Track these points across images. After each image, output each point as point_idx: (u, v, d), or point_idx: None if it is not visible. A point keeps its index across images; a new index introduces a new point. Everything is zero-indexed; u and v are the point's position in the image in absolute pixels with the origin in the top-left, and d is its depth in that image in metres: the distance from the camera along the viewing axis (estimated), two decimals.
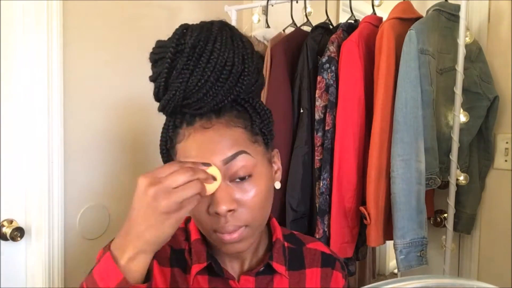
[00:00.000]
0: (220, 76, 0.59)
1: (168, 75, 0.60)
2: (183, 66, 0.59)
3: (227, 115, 0.63)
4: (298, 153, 1.39)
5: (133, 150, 1.48)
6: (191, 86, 0.59)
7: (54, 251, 1.26)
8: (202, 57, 0.59)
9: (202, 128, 0.61)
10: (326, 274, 0.76)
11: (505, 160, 1.50)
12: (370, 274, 2.79)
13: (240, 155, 0.61)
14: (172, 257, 0.68)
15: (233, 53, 0.60)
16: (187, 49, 0.59)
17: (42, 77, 1.22)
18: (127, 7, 1.43)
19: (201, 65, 0.59)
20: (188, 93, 0.60)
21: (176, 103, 0.61)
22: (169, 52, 0.60)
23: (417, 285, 0.45)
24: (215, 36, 0.60)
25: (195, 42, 0.59)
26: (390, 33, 1.27)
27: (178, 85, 0.59)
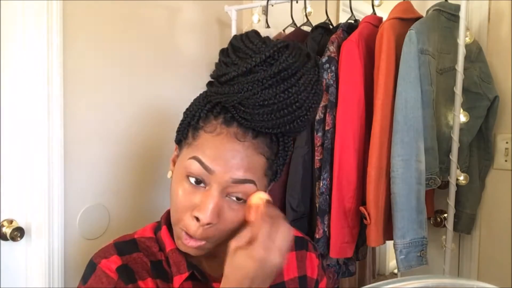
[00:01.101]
0: (284, 109, 0.59)
1: (243, 73, 0.59)
2: (262, 78, 0.58)
3: (262, 140, 0.63)
4: (298, 153, 1.39)
5: (133, 149, 1.48)
6: (255, 99, 0.59)
7: (54, 251, 1.26)
8: (283, 84, 0.59)
9: (235, 137, 0.61)
10: (302, 256, 0.78)
11: (505, 160, 1.50)
12: (370, 274, 2.79)
13: (248, 183, 0.61)
14: (153, 269, 0.67)
15: (307, 97, 0.60)
16: (275, 68, 0.58)
17: (42, 77, 1.22)
18: (127, 7, 1.43)
19: (277, 90, 0.58)
20: (247, 102, 0.59)
21: (230, 100, 0.60)
22: (260, 58, 0.58)
23: (417, 285, 0.45)
24: (305, 72, 0.60)
25: (288, 65, 0.59)
26: (390, 33, 1.27)
27: (245, 89, 0.59)
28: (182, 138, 0.67)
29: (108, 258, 0.65)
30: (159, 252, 0.70)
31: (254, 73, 0.59)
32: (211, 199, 0.59)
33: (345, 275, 1.47)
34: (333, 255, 1.33)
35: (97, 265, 0.65)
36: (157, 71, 1.54)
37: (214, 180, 0.60)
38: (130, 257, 0.67)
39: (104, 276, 0.64)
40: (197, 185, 0.61)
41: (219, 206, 0.60)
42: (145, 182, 1.52)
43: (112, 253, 0.66)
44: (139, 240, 0.71)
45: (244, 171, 0.60)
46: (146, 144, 1.51)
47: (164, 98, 1.57)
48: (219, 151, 0.60)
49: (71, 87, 1.29)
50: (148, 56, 1.51)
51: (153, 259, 0.69)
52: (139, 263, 0.66)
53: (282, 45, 0.60)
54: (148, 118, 1.51)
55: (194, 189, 0.61)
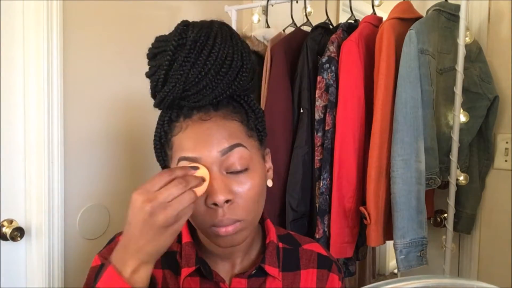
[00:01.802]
0: (220, 69, 0.61)
1: (168, 67, 0.61)
2: (184, 58, 0.60)
3: (224, 109, 0.64)
4: (298, 153, 1.39)
5: (133, 150, 1.48)
6: (191, 78, 0.60)
7: (54, 251, 1.26)
8: (204, 51, 0.60)
9: (200, 120, 0.63)
10: (322, 276, 0.75)
11: (505, 160, 1.50)
12: (370, 274, 2.79)
13: (237, 147, 0.62)
14: (163, 259, 0.68)
15: (232, 49, 0.62)
16: (188, 42, 0.60)
17: (42, 77, 1.22)
18: (127, 7, 1.43)
19: (202, 58, 0.60)
20: (188, 85, 0.61)
21: (175, 95, 0.61)
22: (171, 45, 0.61)
23: (417, 285, 0.45)
24: (215, 32, 0.62)
25: (196, 36, 0.61)
26: (390, 33, 1.27)
27: (178, 77, 0.60)
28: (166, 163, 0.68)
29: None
30: (176, 243, 0.70)
31: (176, 59, 0.61)
32: (215, 180, 0.60)
33: (345, 275, 1.47)
34: (333, 255, 1.33)
35: (115, 238, 0.69)
36: None
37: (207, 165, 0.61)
38: None
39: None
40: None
41: (226, 183, 0.61)
42: None
43: None
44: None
45: (226, 139, 0.61)
46: (146, 144, 1.51)
47: None
48: (195, 139, 0.62)
49: (71, 87, 1.30)
50: None
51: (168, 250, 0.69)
52: None
53: (182, 25, 0.63)
54: (148, 118, 1.51)
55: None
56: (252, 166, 0.63)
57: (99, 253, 0.68)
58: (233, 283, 0.68)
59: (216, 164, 0.61)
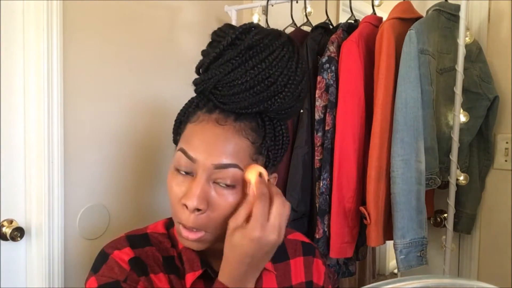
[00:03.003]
0: (256, 86, 0.60)
1: (213, 59, 0.62)
2: (230, 58, 0.60)
3: (244, 123, 0.63)
4: (298, 153, 1.39)
5: (134, 150, 1.48)
6: (226, 80, 0.61)
7: (54, 251, 1.26)
8: (250, 61, 0.60)
9: (216, 122, 0.62)
10: (308, 262, 0.79)
11: (505, 160, 1.50)
12: (370, 274, 2.79)
13: (232, 168, 0.61)
14: (165, 264, 0.67)
15: (280, 71, 0.61)
16: (242, 46, 0.60)
17: (42, 77, 1.22)
18: (127, 7, 1.43)
19: (245, 67, 0.60)
20: (220, 85, 0.61)
21: (206, 87, 0.63)
22: (227, 40, 0.61)
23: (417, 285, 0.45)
24: (274, 47, 0.61)
25: (252, 43, 0.60)
26: (390, 33, 1.27)
27: (217, 73, 0.61)
28: (175, 135, 0.69)
29: (120, 250, 0.66)
30: (171, 248, 0.70)
31: (223, 55, 0.61)
32: (196, 185, 0.60)
33: (345, 275, 1.47)
34: (333, 255, 1.33)
35: (110, 256, 0.65)
36: (157, 71, 1.54)
37: (199, 168, 0.61)
38: (142, 251, 0.67)
39: (117, 266, 0.63)
40: (187, 175, 0.62)
41: (205, 192, 0.60)
42: (145, 182, 1.52)
43: (125, 245, 0.67)
44: (151, 235, 0.71)
45: (226, 156, 0.60)
46: (146, 144, 1.51)
47: (164, 98, 1.57)
48: (200, 139, 0.62)
49: (71, 87, 1.29)
50: (148, 56, 1.51)
51: (165, 255, 0.69)
52: (151, 257, 0.67)
53: (247, 26, 0.62)
54: (148, 118, 1.51)
55: (184, 179, 0.62)
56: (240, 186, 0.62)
57: (96, 275, 0.63)
58: None
59: (205, 172, 0.60)
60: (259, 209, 0.57)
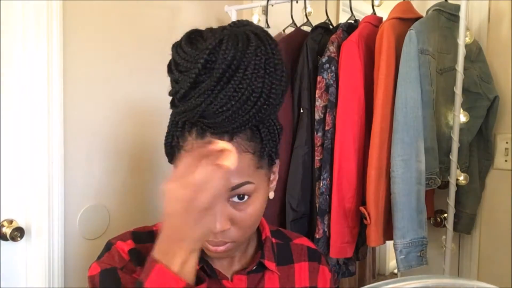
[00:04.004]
0: (243, 105, 0.56)
1: (191, 86, 0.56)
2: (210, 87, 0.55)
3: (240, 137, 0.61)
4: (298, 153, 1.39)
5: (134, 150, 1.48)
6: (213, 109, 0.56)
7: (54, 251, 1.26)
8: (231, 83, 0.55)
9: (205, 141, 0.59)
10: (314, 268, 0.78)
11: (505, 160, 1.50)
12: (370, 274, 2.79)
13: (245, 185, 0.60)
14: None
15: (262, 82, 0.57)
16: (217, 72, 0.55)
17: (42, 77, 1.22)
18: (127, 7, 1.43)
19: (228, 92, 0.55)
20: (207, 114, 0.57)
21: (192, 115, 0.58)
22: (199, 64, 0.55)
23: (417, 285, 0.45)
24: (249, 60, 0.56)
25: (227, 64, 0.55)
26: (390, 33, 1.27)
27: (197, 103, 0.56)
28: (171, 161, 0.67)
29: (124, 241, 0.68)
30: None
31: (200, 83, 0.56)
32: (218, 211, 0.59)
33: (345, 275, 1.47)
34: (333, 255, 1.33)
35: (113, 245, 0.68)
36: (157, 71, 1.54)
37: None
38: (144, 246, 0.68)
39: (117, 255, 0.66)
40: None
41: (227, 213, 0.61)
42: (145, 182, 1.52)
43: (129, 237, 0.69)
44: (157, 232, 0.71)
45: (235, 177, 0.59)
46: (146, 144, 1.51)
47: (164, 99, 1.56)
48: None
49: (71, 87, 1.30)
50: (148, 56, 1.51)
51: None
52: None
53: (214, 44, 0.56)
54: (148, 118, 1.51)
55: None
56: (254, 194, 0.62)
57: (98, 261, 0.66)
58: (234, 280, 0.70)
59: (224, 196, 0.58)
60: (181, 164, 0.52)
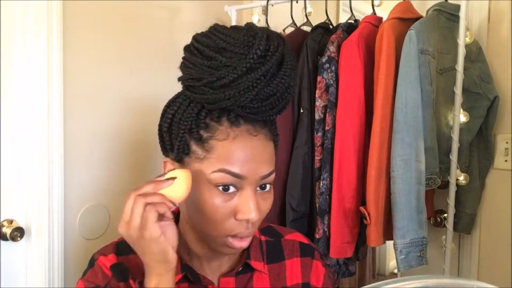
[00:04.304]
0: (286, 91, 0.61)
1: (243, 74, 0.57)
2: (265, 73, 0.58)
3: (268, 126, 0.65)
4: (298, 153, 1.39)
5: (134, 150, 1.48)
6: (263, 94, 0.58)
7: (54, 251, 1.26)
8: (282, 70, 0.59)
9: (249, 134, 0.61)
10: (306, 264, 0.77)
11: (505, 160, 1.50)
12: (370, 274, 2.79)
13: (272, 174, 0.64)
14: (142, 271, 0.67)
15: (294, 73, 0.63)
16: (274, 56, 0.58)
17: (42, 77, 1.22)
18: (127, 7, 1.43)
19: (278, 77, 0.59)
20: (256, 98, 0.59)
21: (237, 102, 0.58)
22: (254, 54, 0.57)
23: (417, 285, 0.45)
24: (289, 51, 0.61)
25: (281, 51, 0.60)
26: (390, 33, 1.27)
27: (250, 88, 0.58)
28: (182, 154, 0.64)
29: (106, 256, 0.70)
30: None
31: (255, 69, 0.58)
32: (251, 199, 0.61)
33: (345, 275, 1.47)
34: (333, 255, 1.33)
35: (95, 261, 0.69)
36: (157, 71, 1.54)
37: (246, 183, 0.61)
38: (126, 258, 0.69)
39: (100, 272, 0.68)
40: (227, 191, 0.61)
41: (258, 202, 0.63)
42: None
43: (111, 251, 0.70)
44: None
45: (268, 165, 0.63)
46: (146, 143, 1.51)
47: (164, 98, 1.56)
48: (242, 155, 0.60)
49: (71, 87, 1.30)
50: (148, 56, 1.51)
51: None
52: (134, 264, 0.68)
53: (265, 34, 0.60)
54: (148, 118, 1.51)
55: (227, 195, 0.62)
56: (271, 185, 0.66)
57: (82, 279, 0.68)
58: (222, 283, 0.69)
59: (253, 184, 0.62)
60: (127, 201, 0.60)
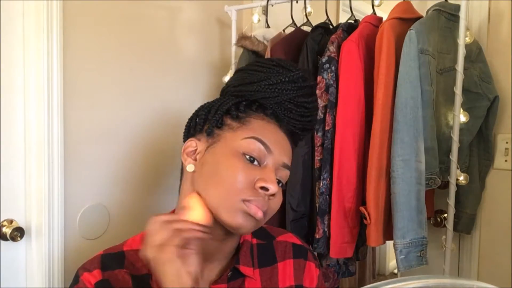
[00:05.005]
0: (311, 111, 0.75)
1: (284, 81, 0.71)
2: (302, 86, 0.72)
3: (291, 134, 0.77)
4: (298, 153, 1.39)
5: (134, 149, 1.48)
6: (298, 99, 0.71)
7: (54, 251, 1.26)
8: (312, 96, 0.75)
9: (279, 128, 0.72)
10: (299, 265, 0.77)
11: (505, 160, 1.50)
12: (370, 274, 2.79)
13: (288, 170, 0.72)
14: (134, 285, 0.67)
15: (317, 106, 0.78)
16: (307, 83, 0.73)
17: (42, 77, 1.22)
18: (127, 7, 1.43)
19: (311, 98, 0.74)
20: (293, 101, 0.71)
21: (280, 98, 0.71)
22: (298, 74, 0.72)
23: (417, 285, 0.45)
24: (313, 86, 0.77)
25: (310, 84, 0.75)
26: (390, 33, 1.27)
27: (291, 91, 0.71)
28: (214, 128, 0.70)
29: (90, 272, 0.67)
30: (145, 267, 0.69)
31: (293, 82, 0.71)
32: (273, 173, 0.65)
33: (345, 275, 1.47)
34: (333, 255, 1.33)
35: (80, 277, 0.67)
36: (157, 71, 1.54)
37: (271, 160, 0.66)
38: (112, 273, 0.68)
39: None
40: (252, 163, 0.66)
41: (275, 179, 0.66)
42: (145, 182, 1.52)
43: (96, 266, 0.68)
44: (127, 253, 0.71)
45: (288, 158, 0.71)
46: (146, 143, 1.51)
47: (164, 98, 1.57)
48: (274, 136, 0.68)
49: (71, 87, 1.30)
50: (148, 56, 1.51)
51: (135, 273, 0.69)
52: (120, 280, 0.67)
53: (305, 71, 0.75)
54: (148, 117, 1.51)
55: (251, 165, 0.65)
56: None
57: None
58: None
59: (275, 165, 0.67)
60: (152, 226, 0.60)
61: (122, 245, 0.73)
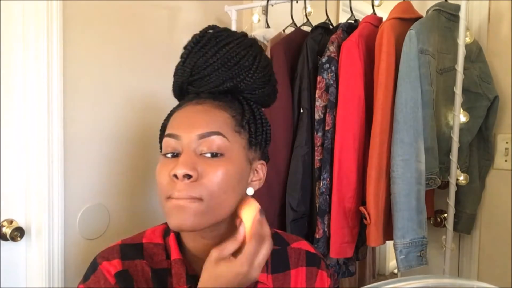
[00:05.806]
0: (226, 63, 0.67)
1: (185, 58, 0.69)
2: (199, 49, 0.68)
3: (223, 101, 0.68)
4: (298, 153, 1.39)
5: (134, 149, 1.48)
6: (198, 65, 0.67)
7: (54, 251, 1.26)
8: (216, 46, 0.67)
9: (195, 103, 0.68)
10: (311, 273, 0.76)
11: (505, 160, 1.50)
12: (370, 274, 2.79)
13: (215, 135, 0.64)
14: (153, 278, 0.67)
15: (246, 52, 0.68)
16: (206, 37, 0.68)
17: (42, 77, 1.22)
18: (127, 7, 1.43)
19: (212, 50, 0.67)
20: (194, 71, 0.68)
21: (183, 79, 0.69)
22: (192, 41, 0.69)
23: (417, 285, 0.45)
24: (237, 37, 0.69)
25: (216, 34, 0.69)
26: (390, 33, 1.27)
27: (188, 64, 0.68)
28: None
29: (110, 261, 0.66)
30: (165, 261, 0.69)
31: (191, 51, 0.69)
32: (183, 156, 0.63)
33: (345, 275, 1.47)
34: (333, 255, 1.33)
35: (99, 266, 0.66)
36: (157, 71, 1.54)
37: (184, 144, 0.64)
38: (132, 263, 0.67)
39: (103, 279, 0.64)
40: (174, 157, 0.65)
41: (193, 160, 0.62)
42: (145, 182, 1.52)
43: (115, 256, 0.67)
44: (147, 246, 0.70)
45: (207, 125, 0.64)
46: (146, 143, 1.51)
47: (164, 98, 1.57)
48: (181, 117, 0.67)
49: (71, 87, 1.29)
50: (148, 55, 1.51)
51: (155, 267, 0.68)
52: (139, 271, 0.66)
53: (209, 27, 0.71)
54: (148, 117, 1.51)
55: (172, 160, 0.64)
56: (228, 155, 0.64)
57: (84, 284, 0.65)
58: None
59: (191, 144, 0.63)
60: (252, 248, 0.59)
61: (141, 237, 0.72)
